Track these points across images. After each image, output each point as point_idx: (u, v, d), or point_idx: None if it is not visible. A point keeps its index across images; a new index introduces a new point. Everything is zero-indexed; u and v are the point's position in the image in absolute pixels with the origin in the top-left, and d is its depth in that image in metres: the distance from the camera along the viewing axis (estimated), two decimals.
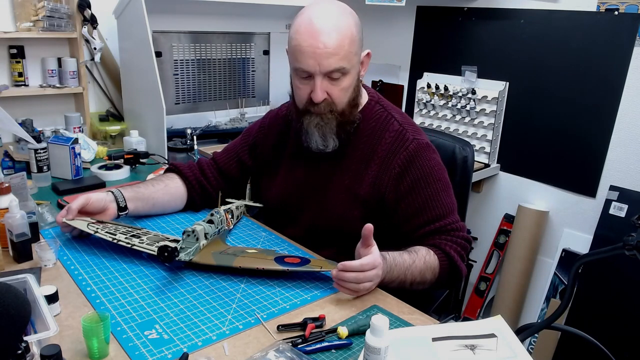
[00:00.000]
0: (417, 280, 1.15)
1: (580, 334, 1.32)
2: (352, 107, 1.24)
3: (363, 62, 1.25)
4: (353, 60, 1.18)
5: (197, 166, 1.46)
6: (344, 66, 1.15)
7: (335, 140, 1.24)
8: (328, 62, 1.14)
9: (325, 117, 1.21)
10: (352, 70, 1.19)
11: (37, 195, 1.54)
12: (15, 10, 1.97)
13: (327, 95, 1.19)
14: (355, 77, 1.23)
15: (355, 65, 1.20)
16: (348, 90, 1.21)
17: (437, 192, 1.22)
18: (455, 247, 1.20)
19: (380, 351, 0.77)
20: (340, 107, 1.21)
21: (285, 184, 1.37)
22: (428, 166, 1.23)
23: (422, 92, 2.60)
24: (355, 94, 1.24)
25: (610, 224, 2.05)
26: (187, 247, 1.09)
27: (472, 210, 2.54)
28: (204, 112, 2.46)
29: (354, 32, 1.17)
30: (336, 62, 1.14)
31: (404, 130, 1.25)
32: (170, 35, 2.27)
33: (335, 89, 1.19)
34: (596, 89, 2.06)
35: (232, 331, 0.93)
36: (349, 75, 1.19)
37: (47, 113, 2.15)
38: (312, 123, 1.22)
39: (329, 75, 1.16)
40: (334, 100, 1.20)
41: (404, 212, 1.23)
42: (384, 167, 1.24)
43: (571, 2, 2.08)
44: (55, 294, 0.93)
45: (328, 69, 1.15)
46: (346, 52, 1.15)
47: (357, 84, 1.25)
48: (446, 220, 1.22)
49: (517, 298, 2.37)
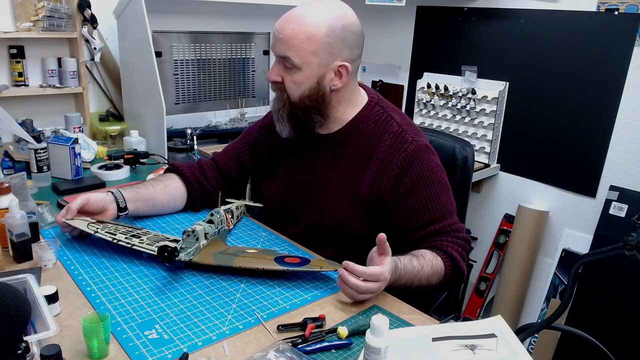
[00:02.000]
0: (424, 285, 1.15)
1: (580, 334, 1.32)
2: (307, 106, 1.23)
3: (339, 72, 1.21)
4: (306, 58, 1.17)
5: (197, 166, 1.46)
6: (290, 57, 1.18)
7: (289, 129, 1.28)
8: (280, 47, 1.20)
9: (278, 101, 1.27)
10: (305, 68, 1.19)
11: (37, 195, 1.53)
12: (15, 10, 1.97)
13: (280, 80, 1.24)
14: (312, 79, 1.20)
15: (311, 66, 1.18)
16: (300, 85, 1.22)
17: (436, 193, 1.22)
18: (456, 248, 1.20)
19: (380, 351, 0.77)
20: (291, 97, 1.24)
21: (285, 184, 1.37)
22: (427, 167, 1.23)
23: (422, 92, 2.60)
24: (314, 96, 1.22)
25: (610, 224, 2.05)
26: (187, 247, 1.09)
27: (472, 210, 2.54)
28: (204, 112, 2.46)
29: (318, 34, 1.16)
30: (284, 50, 1.19)
31: (403, 132, 1.25)
32: (170, 35, 2.27)
33: (287, 77, 1.22)
34: (596, 89, 2.06)
35: (232, 331, 0.93)
36: (301, 71, 1.20)
37: (47, 113, 2.15)
38: (272, 105, 1.31)
39: (282, 61, 1.21)
40: (285, 87, 1.24)
41: (403, 213, 1.23)
42: (383, 168, 1.23)
43: (571, 2, 2.08)
44: (55, 294, 0.93)
45: (278, 53, 1.21)
46: (297, 46, 1.17)
47: (316, 87, 1.21)
48: (446, 221, 1.22)
49: (517, 298, 2.37)
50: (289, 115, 1.26)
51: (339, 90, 1.24)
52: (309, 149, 1.33)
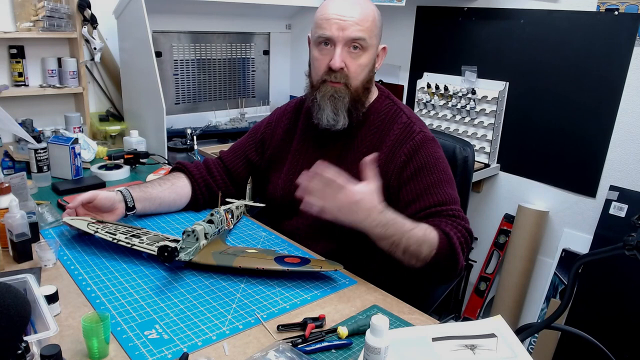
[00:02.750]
0: (412, 249, 1.08)
1: (580, 334, 1.32)
2: (364, 89, 1.28)
3: (379, 55, 1.30)
4: (373, 39, 1.24)
5: (204, 165, 1.47)
6: (364, 37, 1.21)
7: (346, 118, 1.27)
8: (352, 30, 1.20)
9: (340, 90, 1.25)
10: (370, 49, 1.25)
11: (37, 195, 1.54)
12: (15, 10, 1.97)
13: (345, 66, 1.23)
14: (372, 60, 1.27)
15: (374, 47, 1.26)
16: (364, 68, 1.25)
17: (440, 181, 1.21)
18: (456, 232, 1.12)
19: (380, 351, 0.77)
20: (354, 82, 1.25)
21: (291, 175, 1.38)
22: (432, 157, 1.24)
23: (422, 92, 2.60)
24: (370, 77, 1.28)
25: (610, 224, 2.05)
26: (187, 247, 1.09)
27: (472, 210, 2.54)
28: (204, 112, 2.47)
29: (376, 17, 1.26)
30: (359, 32, 1.21)
31: (412, 123, 1.28)
32: (170, 35, 2.27)
33: (353, 62, 1.24)
34: (596, 89, 2.06)
35: (232, 331, 0.93)
36: (367, 52, 1.24)
37: (47, 113, 2.15)
38: (327, 94, 1.25)
39: (349, 45, 1.22)
40: (350, 74, 1.24)
41: (405, 198, 1.22)
42: (390, 156, 1.25)
43: (571, 2, 2.08)
44: (55, 294, 0.93)
45: (351, 35, 1.21)
46: (368, 27, 1.22)
47: (372, 69, 1.28)
48: (448, 206, 1.18)
49: (517, 298, 2.37)
50: (352, 102, 1.26)
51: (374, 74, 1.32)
52: (318, 141, 1.34)
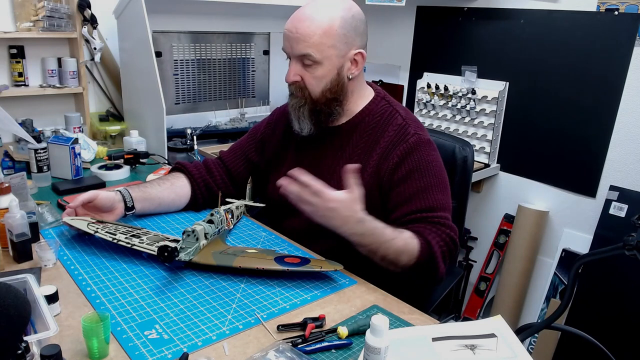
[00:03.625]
0: (390, 258, 1.11)
1: (580, 334, 1.32)
2: (328, 100, 1.27)
3: (355, 60, 1.26)
4: (326, 52, 1.21)
5: (204, 165, 1.47)
6: (310, 53, 1.21)
7: (310, 125, 1.29)
8: (297, 47, 1.21)
9: (299, 100, 1.27)
10: (325, 61, 1.22)
11: (37, 195, 1.53)
12: (15, 10, 1.97)
13: (299, 79, 1.25)
14: (332, 71, 1.24)
15: (331, 58, 1.22)
16: (322, 80, 1.25)
17: (431, 185, 1.21)
18: (439, 240, 1.14)
19: (380, 351, 0.77)
20: (312, 94, 1.26)
21: None
22: (426, 160, 1.24)
23: (422, 92, 2.60)
24: (335, 88, 1.26)
25: (610, 224, 2.05)
26: (187, 247, 1.09)
27: (472, 210, 2.54)
28: (204, 112, 2.46)
29: (333, 26, 1.20)
30: (304, 48, 1.21)
31: (407, 125, 1.28)
32: (170, 35, 2.27)
33: (307, 75, 1.25)
34: (596, 89, 2.06)
35: (232, 331, 0.93)
36: (322, 65, 1.23)
37: (47, 113, 2.15)
38: (290, 104, 1.31)
39: (301, 60, 1.23)
40: (306, 86, 1.26)
41: (394, 200, 1.23)
42: (384, 157, 1.26)
43: (571, 2, 2.08)
44: (55, 294, 0.93)
45: (297, 53, 1.22)
46: (316, 42, 1.20)
47: (335, 79, 1.25)
48: (435, 213, 1.19)
49: (517, 298, 2.37)
50: (310, 112, 1.28)
51: (354, 80, 1.29)
52: (315, 142, 1.34)
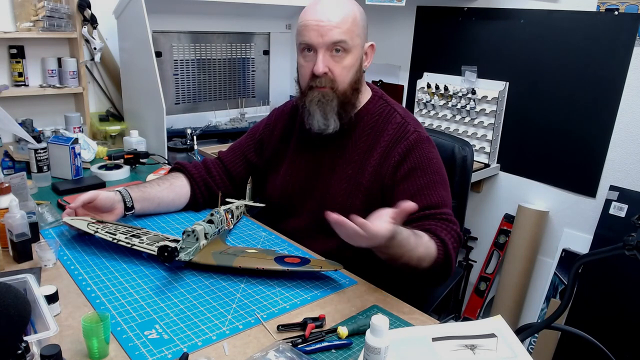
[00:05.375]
0: (413, 264, 1.09)
1: (580, 334, 1.32)
2: (353, 90, 1.27)
3: (367, 53, 1.29)
4: (355, 40, 1.23)
5: (203, 165, 1.47)
6: (345, 40, 1.20)
7: (336, 121, 1.26)
8: (331, 34, 1.19)
9: (327, 94, 1.24)
10: (354, 50, 1.23)
11: (37, 195, 1.53)
12: (15, 10, 1.97)
13: (328, 70, 1.22)
14: (358, 60, 1.26)
15: (358, 48, 1.24)
16: (350, 70, 1.24)
17: (434, 182, 1.22)
18: (449, 237, 1.14)
19: (380, 351, 0.77)
20: (341, 85, 1.24)
21: (288, 175, 1.38)
22: (426, 157, 1.24)
23: (422, 92, 2.60)
24: (357, 78, 1.27)
25: (610, 224, 2.05)
26: (187, 247, 1.09)
27: (472, 210, 2.54)
28: (204, 112, 2.47)
29: (357, 16, 1.23)
30: (338, 35, 1.19)
31: (406, 123, 1.28)
32: (170, 35, 2.27)
33: (337, 65, 1.23)
34: (596, 89, 2.06)
35: (232, 331, 0.93)
36: (351, 54, 1.23)
37: (47, 113, 2.15)
38: (314, 100, 1.24)
39: (331, 49, 1.21)
40: (335, 77, 1.23)
41: (398, 197, 1.21)
42: (385, 156, 1.26)
43: (571, 2, 2.08)
44: (55, 294, 0.93)
45: (331, 40, 1.20)
46: (349, 28, 1.21)
47: (359, 69, 1.27)
48: (440, 209, 1.19)
49: (517, 298, 2.37)
50: (340, 105, 1.25)
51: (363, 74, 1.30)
52: (313, 142, 1.34)
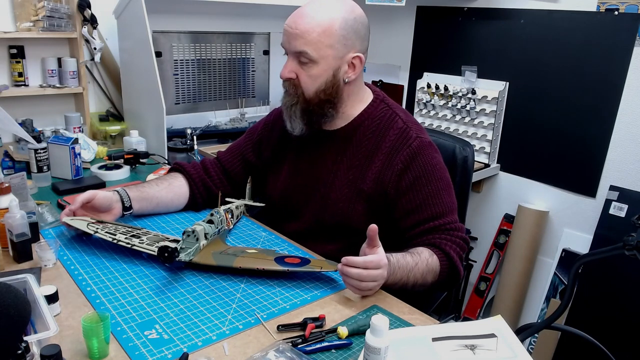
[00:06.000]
0: (419, 283, 1.15)
1: (580, 334, 1.32)
2: (321, 101, 1.25)
3: (353, 64, 1.23)
4: (323, 51, 1.19)
5: (201, 165, 1.47)
6: (306, 51, 1.19)
7: (301, 125, 1.27)
8: (295, 43, 1.20)
9: (291, 98, 1.26)
10: (322, 61, 1.20)
11: (37, 195, 1.53)
12: (15, 10, 1.97)
13: (294, 76, 1.23)
14: (328, 71, 1.22)
15: (328, 59, 1.20)
16: (316, 79, 1.23)
17: (438, 190, 1.23)
18: (454, 247, 1.20)
19: (380, 351, 0.77)
20: (306, 93, 1.24)
21: (289, 179, 1.38)
22: (430, 164, 1.24)
23: (422, 92, 2.60)
24: (329, 89, 1.24)
25: (610, 224, 2.05)
26: (187, 248, 1.09)
27: (472, 210, 2.54)
28: (204, 112, 2.46)
29: (333, 26, 1.18)
30: (300, 45, 1.19)
31: (408, 128, 1.27)
32: (170, 35, 2.27)
33: (303, 73, 1.23)
34: (596, 89, 2.06)
35: (232, 331, 0.93)
36: (318, 65, 1.21)
37: (47, 113, 2.15)
38: (283, 102, 1.29)
39: (297, 57, 1.21)
40: (300, 84, 1.24)
41: (404, 208, 1.24)
42: (387, 163, 1.25)
43: (571, 2, 2.08)
44: (55, 294, 0.93)
45: (294, 49, 1.20)
46: (314, 40, 1.18)
47: (331, 80, 1.23)
48: (445, 219, 1.22)
49: (517, 298, 2.37)
50: (302, 111, 1.26)
51: (350, 83, 1.26)
52: (314, 145, 1.34)
